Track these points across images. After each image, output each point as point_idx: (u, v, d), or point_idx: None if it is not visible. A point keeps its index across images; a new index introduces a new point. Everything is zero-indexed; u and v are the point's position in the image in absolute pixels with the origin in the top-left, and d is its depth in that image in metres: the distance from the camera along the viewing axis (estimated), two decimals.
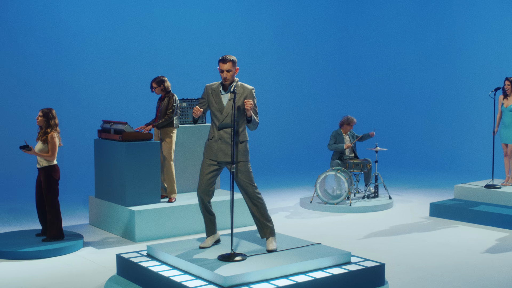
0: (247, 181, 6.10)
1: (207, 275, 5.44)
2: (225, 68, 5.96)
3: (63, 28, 13.25)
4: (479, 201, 9.92)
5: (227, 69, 5.96)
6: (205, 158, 6.15)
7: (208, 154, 6.13)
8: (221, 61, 5.97)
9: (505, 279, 6.53)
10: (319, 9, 17.12)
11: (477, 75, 15.24)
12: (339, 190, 10.49)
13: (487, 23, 15.06)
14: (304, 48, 16.75)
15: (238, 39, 15.51)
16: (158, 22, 14.42)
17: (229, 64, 5.97)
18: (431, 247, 7.92)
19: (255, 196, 6.15)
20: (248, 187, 6.11)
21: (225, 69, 5.96)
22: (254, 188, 6.14)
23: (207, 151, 6.15)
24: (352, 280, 5.80)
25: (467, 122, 15.46)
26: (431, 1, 16.25)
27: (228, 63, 5.96)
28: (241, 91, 6.06)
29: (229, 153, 6.03)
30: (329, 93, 17.41)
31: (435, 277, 6.60)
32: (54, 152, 7.60)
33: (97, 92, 13.63)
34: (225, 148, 6.04)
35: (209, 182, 6.12)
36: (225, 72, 5.97)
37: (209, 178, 6.11)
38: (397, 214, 10.12)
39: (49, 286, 6.32)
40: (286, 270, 5.63)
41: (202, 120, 9.92)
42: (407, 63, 16.75)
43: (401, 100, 16.85)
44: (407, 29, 16.75)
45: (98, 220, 9.04)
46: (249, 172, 6.12)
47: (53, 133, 7.62)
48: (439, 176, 14.21)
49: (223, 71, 5.97)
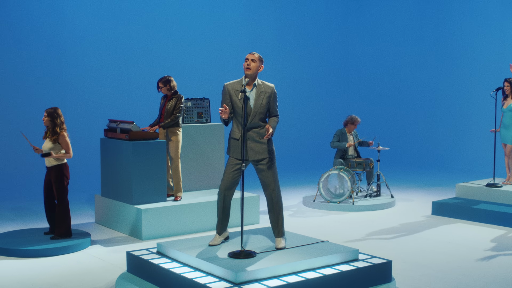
0: (271, 178, 6.22)
1: (219, 271, 5.53)
2: (251, 58, 6.05)
3: (67, 27, 13.33)
4: (480, 199, 10.02)
5: (252, 59, 6.04)
6: (230, 157, 6.24)
7: (235, 153, 6.20)
8: (250, 53, 6.11)
9: (510, 276, 6.63)
10: (320, 9, 17.22)
11: (477, 74, 15.36)
12: (341, 189, 10.58)
13: (487, 22, 15.18)
14: (305, 48, 16.86)
15: (239, 39, 15.61)
16: (161, 22, 14.52)
17: (256, 56, 6.07)
18: (434, 245, 8.02)
19: (277, 195, 6.27)
20: (271, 184, 6.22)
21: (250, 58, 6.05)
22: (276, 186, 6.25)
23: (233, 150, 6.21)
24: (360, 276, 5.89)
25: (467, 121, 15.58)
26: (431, 1, 16.36)
27: (256, 54, 6.08)
28: (264, 89, 6.15)
29: (260, 150, 6.14)
30: (331, 93, 17.52)
31: (440, 274, 6.70)
32: (70, 149, 7.77)
33: (101, 91, 13.72)
34: (255, 146, 6.14)
35: (234, 180, 6.21)
36: (249, 60, 6.04)
37: (234, 176, 6.19)
38: (400, 212, 10.22)
39: (60, 283, 6.40)
40: (295, 267, 5.71)
41: (207, 119, 10.02)
42: (407, 62, 16.86)
43: (402, 99, 16.97)
44: (407, 29, 16.86)
45: (104, 218, 9.12)
46: (275, 169, 6.24)
47: (63, 132, 7.72)
48: (440, 175, 14.33)
49: (247, 59, 6.04)
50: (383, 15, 17.32)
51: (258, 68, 6.09)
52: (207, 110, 10.02)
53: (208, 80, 14.86)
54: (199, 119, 9.92)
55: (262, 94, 6.15)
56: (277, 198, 6.30)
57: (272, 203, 6.30)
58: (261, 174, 6.25)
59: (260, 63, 6.09)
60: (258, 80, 6.19)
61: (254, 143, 6.15)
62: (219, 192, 6.32)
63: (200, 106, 9.94)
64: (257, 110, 6.10)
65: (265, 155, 6.19)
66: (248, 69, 6.05)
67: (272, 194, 6.27)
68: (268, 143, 6.22)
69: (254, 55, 6.07)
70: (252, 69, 6.05)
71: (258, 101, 6.10)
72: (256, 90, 6.14)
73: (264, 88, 6.18)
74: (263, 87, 6.17)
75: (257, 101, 6.10)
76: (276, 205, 6.31)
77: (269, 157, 6.23)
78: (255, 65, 6.06)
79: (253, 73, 6.09)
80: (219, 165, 10.01)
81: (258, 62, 6.07)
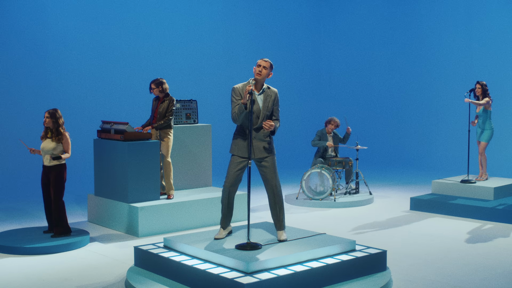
0: (273, 174, 6.61)
1: (229, 262, 5.88)
2: (263, 65, 6.45)
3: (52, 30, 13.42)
4: (455, 195, 10.58)
5: (264, 66, 6.45)
6: (234, 156, 6.60)
7: (239, 151, 6.57)
8: (262, 59, 6.49)
9: (490, 264, 7.14)
10: (293, 14, 17.70)
11: (444, 75, 16.04)
12: (322, 187, 11.01)
13: (454, 25, 15.88)
14: (279, 50, 17.29)
15: (217, 42, 16.01)
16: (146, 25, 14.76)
17: (268, 63, 6.48)
18: (417, 238, 8.51)
19: (278, 190, 6.65)
20: (272, 180, 6.61)
21: (262, 65, 6.45)
22: (277, 181, 6.64)
23: (238, 149, 6.58)
24: (359, 265, 6.32)
25: (438, 121, 16.25)
26: (400, 5, 16.98)
27: (267, 62, 6.48)
28: (270, 93, 6.58)
29: (263, 149, 6.56)
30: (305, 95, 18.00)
31: (428, 263, 7.17)
32: (69, 150, 8.01)
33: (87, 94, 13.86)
34: (260, 145, 6.54)
35: (237, 177, 6.60)
36: (261, 67, 6.44)
37: (238, 174, 6.58)
38: (379, 208, 10.70)
39: (70, 278, 6.65)
40: (300, 257, 6.11)
41: (194, 120, 10.34)
42: (378, 64, 17.44)
43: (376, 100, 17.54)
44: (376, 32, 17.46)
45: (98, 217, 9.36)
46: (275, 166, 6.63)
47: (65, 132, 7.97)
48: (414, 173, 14.95)
49: (260, 66, 6.45)
50: (354, 20, 17.88)
51: (267, 75, 6.50)
52: (195, 111, 10.34)
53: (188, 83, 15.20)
54: (187, 120, 10.23)
55: (268, 97, 6.58)
56: (279, 193, 6.69)
57: (274, 197, 6.69)
58: (263, 170, 6.64)
59: (270, 70, 6.51)
60: (265, 84, 6.60)
61: (259, 142, 6.55)
62: (224, 189, 6.69)
63: (188, 108, 10.26)
64: (265, 112, 6.51)
65: (268, 153, 6.60)
66: (258, 75, 6.47)
67: (274, 189, 6.66)
68: (270, 143, 6.63)
69: (266, 63, 6.50)
70: (262, 75, 6.48)
71: (265, 104, 6.53)
72: (264, 94, 6.57)
73: (270, 92, 6.62)
74: (269, 92, 6.61)
75: (264, 103, 6.53)
76: (277, 199, 6.70)
77: (272, 155, 6.64)
78: (266, 72, 6.47)
79: (262, 79, 6.51)
80: (207, 165, 10.36)
81: (269, 69, 6.50)
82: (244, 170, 6.67)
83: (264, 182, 6.70)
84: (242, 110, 6.39)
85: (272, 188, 6.67)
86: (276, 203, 6.71)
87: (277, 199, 6.71)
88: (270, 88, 6.64)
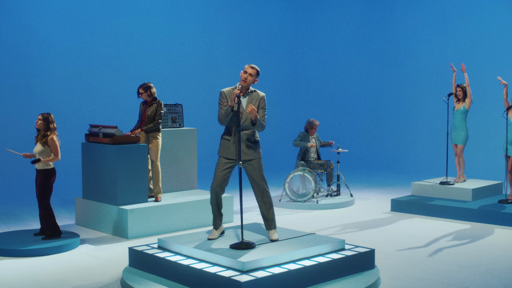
0: (260, 177, 6.78)
1: (225, 261, 6.05)
2: (249, 72, 6.67)
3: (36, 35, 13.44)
4: (434, 196, 10.87)
5: (250, 73, 6.66)
6: (221, 157, 6.77)
7: (225, 153, 6.74)
8: (249, 66, 6.71)
9: (472, 261, 7.41)
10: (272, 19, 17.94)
11: (422, 79, 16.42)
12: (304, 189, 11.23)
13: (429, 30, 16.27)
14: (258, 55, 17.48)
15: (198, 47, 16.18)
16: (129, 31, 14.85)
17: (254, 71, 6.69)
18: (400, 238, 8.77)
19: (265, 190, 6.82)
20: (260, 182, 6.79)
21: (249, 72, 6.67)
22: (265, 184, 6.82)
23: (224, 151, 6.76)
24: (349, 264, 6.53)
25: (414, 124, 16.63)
26: (377, 10, 17.33)
27: (253, 69, 6.69)
28: (255, 96, 6.76)
29: (249, 152, 6.72)
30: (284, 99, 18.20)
31: (413, 262, 7.42)
32: (58, 153, 8.06)
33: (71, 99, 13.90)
34: (245, 148, 6.72)
35: (224, 178, 6.76)
36: (247, 74, 6.66)
37: (225, 175, 6.75)
38: (361, 210, 10.96)
39: (66, 279, 6.76)
40: (293, 256, 6.31)
41: (180, 124, 10.49)
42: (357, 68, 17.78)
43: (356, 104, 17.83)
44: (353, 37, 17.79)
45: (85, 220, 9.45)
46: (262, 169, 6.80)
47: (53, 135, 8.05)
48: (391, 175, 15.26)
49: (246, 72, 6.66)
50: (332, 25, 18.19)
51: (253, 81, 6.74)
52: (181, 115, 10.49)
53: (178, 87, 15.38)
54: (173, 124, 10.37)
55: (252, 100, 6.77)
56: (267, 194, 6.88)
57: (262, 198, 6.88)
58: (250, 173, 6.82)
59: (256, 77, 6.74)
60: (251, 88, 6.80)
61: (245, 143, 6.75)
62: (212, 190, 6.85)
63: (174, 112, 10.40)
64: (248, 115, 6.68)
65: (254, 156, 6.78)
66: (244, 81, 6.68)
67: (262, 190, 6.85)
68: (256, 145, 6.82)
69: (253, 70, 6.71)
70: (248, 82, 6.71)
71: None
72: (248, 97, 6.77)
73: (254, 95, 6.81)
74: (253, 95, 6.80)
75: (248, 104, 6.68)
76: (266, 200, 6.88)
77: (258, 158, 6.82)
78: (251, 78, 6.70)
79: (247, 85, 6.73)
80: (192, 167, 10.53)
81: (255, 76, 6.72)
82: (231, 171, 6.85)
83: (252, 183, 6.87)
84: (229, 112, 6.60)
85: (260, 189, 6.85)
86: (265, 204, 6.89)
87: (265, 199, 6.89)
88: (256, 91, 6.85)
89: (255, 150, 6.81)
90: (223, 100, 6.76)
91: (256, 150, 6.82)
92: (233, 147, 6.70)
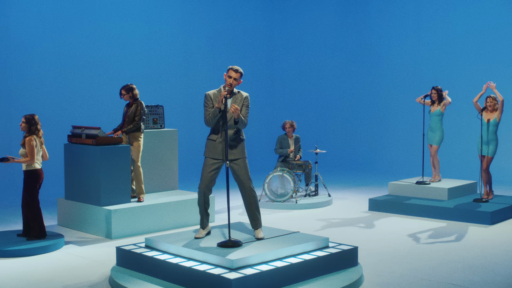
0: (245, 176, 6.92)
1: (213, 259, 6.17)
2: (234, 76, 6.79)
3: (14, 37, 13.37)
4: (411, 196, 11.12)
5: (235, 78, 6.78)
6: (207, 158, 6.89)
7: (212, 153, 6.87)
8: (233, 70, 6.80)
9: (450, 258, 7.64)
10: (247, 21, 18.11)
11: (396, 80, 16.72)
12: (282, 189, 11.39)
13: (403, 31, 16.59)
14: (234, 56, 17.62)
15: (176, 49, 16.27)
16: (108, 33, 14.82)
17: (238, 74, 6.80)
18: (380, 236, 8.98)
19: (251, 189, 6.96)
20: (246, 181, 6.92)
21: (233, 77, 6.79)
22: (250, 183, 6.95)
23: (210, 151, 6.88)
24: (333, 260, 6.70)
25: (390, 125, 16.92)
26: (351, 12, 17.60)
27: (238, 73, 6.80)
28: (238, 96, 6.91)
29: (234, 151, 6.85)
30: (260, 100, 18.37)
31: (394, 259, 7.62)
32: (33, 155, 8.02)
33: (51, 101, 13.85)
34: (230, 147, 6.86)
35: (211, 178, 6.88)
36: (232, 79, 6.79)
37: (212, 176, 6.87)
38: (339, 209, 11.15)
39: (53, 278, 6.82)
40: (279, 253, 6.46)
41: (161, 125, 10.58)
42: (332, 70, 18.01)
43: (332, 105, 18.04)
44: (328, 40, 18.02)
45: (68, 220, 9.49)
46: (247, 168, 6.93)
47: (31, 137, 8.05)
48: (368, 176, 15.52)
49: (231, 77, 6.79)
50: (306, 26, 18.40)
51: (237, 83, 6.86)
52: (162, 116, 10.57)
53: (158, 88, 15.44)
54: (154, 125, 10.46)
55: (236, 100, 6.93)
56: (252, 193, 7.02)
57: (248, 198, 7.02)
58: (236, 172, 6.95)
59: (240, 78, 6.86)
60: (236, 90, 6.96)
61: (230, 143, 6.89)
62: (199, 191, 6.97)
63: (155, 113, 10.48)
64: (232, 115, 6.83)
65: (239, 155, 6.93)
66: (229, 86, 6.82)
67: (248, 190, 6.99)
68: (241, 145, 6.96)
69: (237, 74, 6.82)
70: (233, 86, 6.85)
71: None
72: (233, 98, 6.92)
73: (238, 95, 6.97)
74: (238, 95, 6.97)
75: None
76: (252, 199, 7.02)
77: (243, 157, 6.96)
78: (236, 83, 6.84)
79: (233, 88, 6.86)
80: (173, 168, 10.62)
81: (239, 79, 6.85)
82: (218, 172, 6.98)
83: (238, 183, 7.01)
84: (216, 113, 6.73)
85: (245, 189, 6.99)
86: (252, 203, 7.03)
87: (251, 199, 7.04)
88: (240, 92, 7.00)
89: (241, 149, 6.96)
90: (208, 103, 6.89)
91: (241, 149, 6.96)
92: (219, 147, 6.83)
